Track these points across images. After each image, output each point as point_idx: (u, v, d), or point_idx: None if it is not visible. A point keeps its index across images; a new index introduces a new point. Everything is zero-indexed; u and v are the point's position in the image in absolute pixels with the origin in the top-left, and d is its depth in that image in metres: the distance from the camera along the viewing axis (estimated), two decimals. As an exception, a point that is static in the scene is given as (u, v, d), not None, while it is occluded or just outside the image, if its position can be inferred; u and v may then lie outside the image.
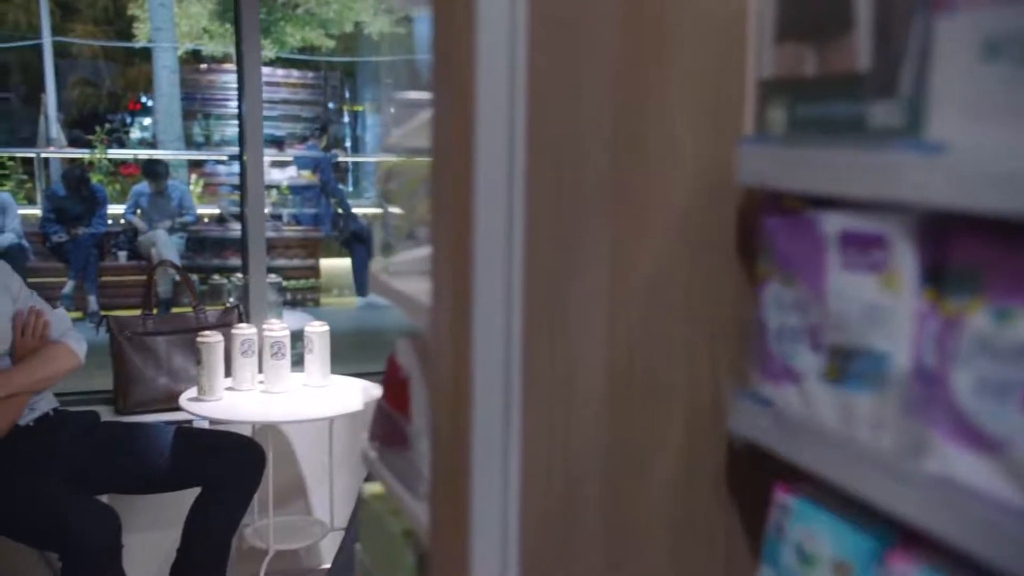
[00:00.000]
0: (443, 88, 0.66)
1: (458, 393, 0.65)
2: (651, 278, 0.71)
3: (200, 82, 10.43)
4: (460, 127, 0.63)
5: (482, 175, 0.63)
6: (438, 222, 0.68)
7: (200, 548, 2.54)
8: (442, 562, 0.71)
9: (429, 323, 0.70)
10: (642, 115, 0.69)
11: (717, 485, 0.74)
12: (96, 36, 12.76)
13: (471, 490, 0.65)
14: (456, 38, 0.63)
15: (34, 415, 2.44)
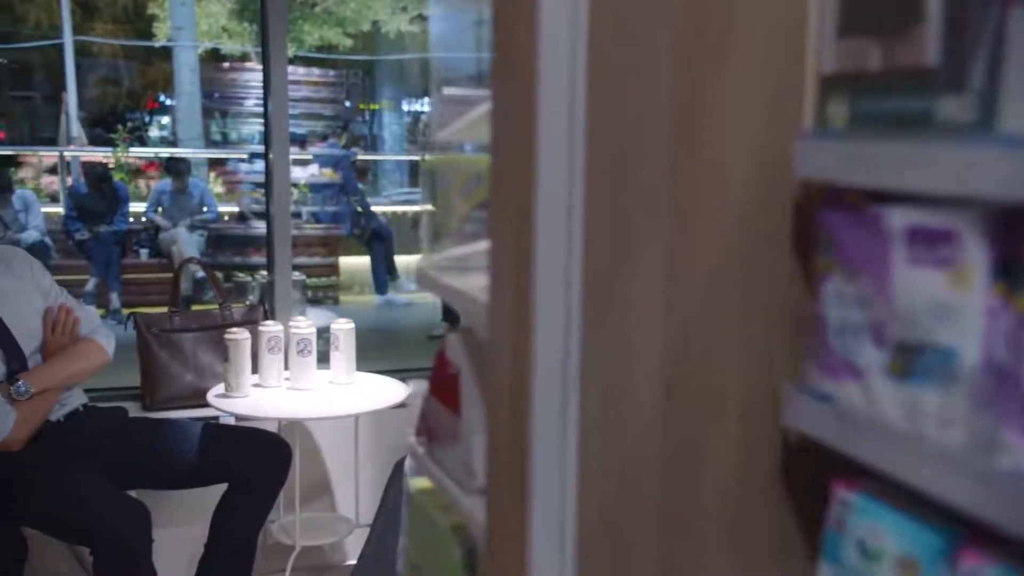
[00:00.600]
0: (504, 86, 0.66)
1: (518, 388, 0.66)
2: (707, 273, 0.71)
3: (217, 81, 10.50)
4: (521, 124, 0.63)
5: (543, 172, 0.63)
6: (497, 218, 0.68)
7: (227, 543, 2.56)
8: (499, 557, 0.71)
9: (487, 318, 0.70)
10: (699, 110, 0.68)
11: (771, 480, 0.74)
12: (116, 35, 12.85)
13: (531, 484, 0.65)
14: (518, 37, 0.63)
15: (64, 411, 2.46)
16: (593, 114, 0.65)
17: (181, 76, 9.79)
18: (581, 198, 0.65)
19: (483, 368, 0.83)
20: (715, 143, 0.70)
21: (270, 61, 2.95)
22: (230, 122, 10.89)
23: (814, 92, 0.67)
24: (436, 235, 0.89)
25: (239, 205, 6.92)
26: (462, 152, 0.88)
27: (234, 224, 7.12)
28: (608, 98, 0.66)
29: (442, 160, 0.88)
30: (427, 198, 0.92)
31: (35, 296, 2.46)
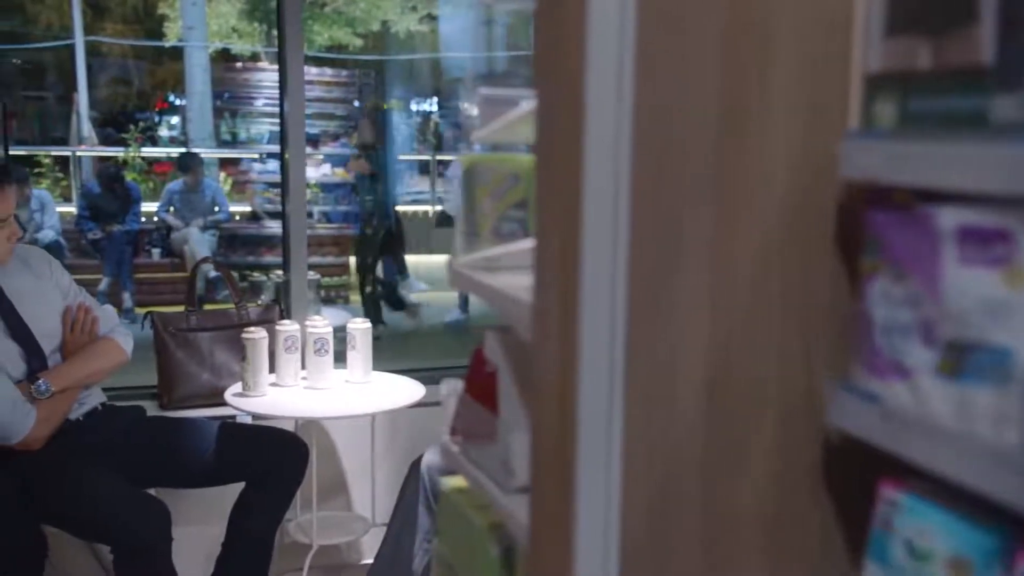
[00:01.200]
0: (550, 85, 0.66)
1: (563, 388, 0.66)
2: (750, 273, 0.71)
3: (227, 81, 10.51)
4: (569, 124, 0.63)
5: (590, 172, 0.63)
6: (543, 218, 0.68)
7: (244, 542, 2.57)
8: (543, 556, 0.71)
9: (531, 318, 0.70)
10: (744, 111, 0.68)
11: (812, 479, 0.74)
12: (126, 35, 12.90)
13: (576, 485, 0.65)
14: (565, 36, 0.63)
15: (83, 409, 2.47)
16: (639, 115, 0.65)
17: (192, 76, 9.82)
18: (627, 199, 0.65)
19: (522, 367, 0.83)
20: (759, 144, 0.70)
21: (286, 61, 2.96)
22: (239, 122, 10.91)
23: (860, 92, 0.67)
24: (470, 235, 0.89)
25: (251, 205, 6.95)
26: (499, 152, 0.89)
27: (246, 224, 7.13)
28: (654, 99, 0.66)
29: (478, 160, 0.89)
30: (461, 198, 0.92)
31: (55, 295, 2.47)
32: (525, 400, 0.83)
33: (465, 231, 0.89)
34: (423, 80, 12.11)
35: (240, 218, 7.27)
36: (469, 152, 0.88)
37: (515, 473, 0.81)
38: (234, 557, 2.57)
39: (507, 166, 0.88)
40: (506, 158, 0.88)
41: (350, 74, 7.53)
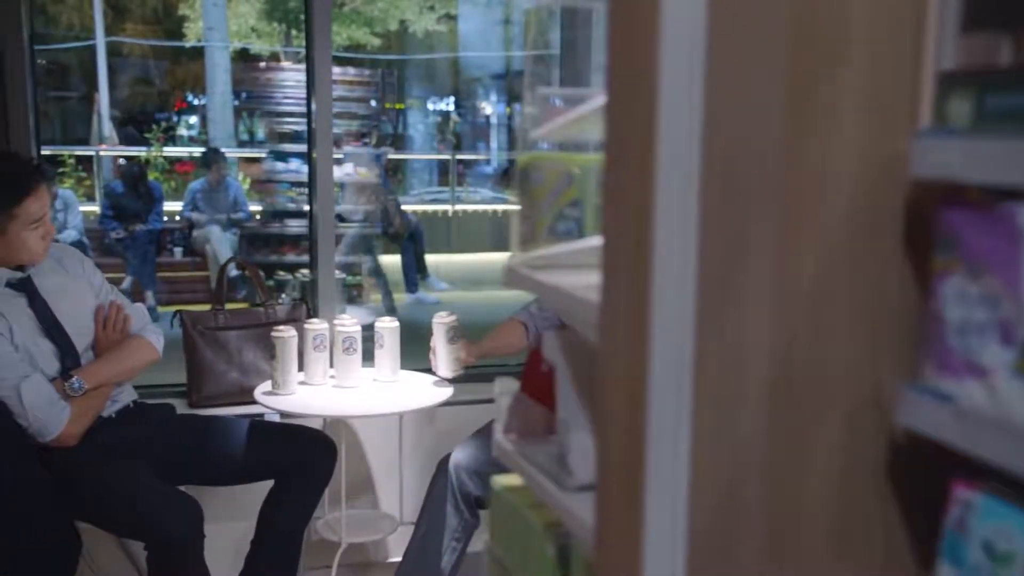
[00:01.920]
0: (622, 84, 0.66)
1: (634, 386, 0.66)
2: (816, 272, 0.70)
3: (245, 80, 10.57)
4: (641, 124, 0.63)
5: (662, 171, 0.63)
6: (613, 217, 0.68)
7: (273, 539, 2.58)
8: (609, 556, 0.71)
9: (599, 316, 0.70)
10: (812, 113, 0.68)
11: (877, 479, 0.74)
12: (146, 36, 13.00)
13: (646, 482, 0.65)
14: (639, 36, 0.63)
15: (116, 407, 2.49)
16: (709, 113, 0.65)
17: (213, 76, 9.89)
18: (696, 198, 0.65)
19: (581, 366, 0.83)
20: (827, 142, 0.70)
21: (314, 61, 2.97)
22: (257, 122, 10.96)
23: (932, 90, 0.67)
24: (526, 234, 0.89)
25: (273, 204, 6.98)
26: (555, 150, 0.89)
27: (266, 223, 7.16)
28: (724, 98, 0.66)
29: (534, 159, 0.89)
30: (516, 197, 0.93)
31: (87, 294, 2.49)
32: (584, 399, 0.83)
33: (521, 230, 0.89)
34: (441, 79, 12.14)
35: (260, 217, 7.31)
36: (525, 152, 0.88)
37: (574, 472, 0.81)
38: (263, 554, 2.58)
39: (562, 165, 0.88)
40: (561, 157, 0.88)
41: (372, 73, 7.56)
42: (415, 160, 10.94)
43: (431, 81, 12.23)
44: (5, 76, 2.66)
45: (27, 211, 2.26)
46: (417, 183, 10.71)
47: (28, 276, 2.35)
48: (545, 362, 0.86)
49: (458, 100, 11.73)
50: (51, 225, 2.36)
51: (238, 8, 11.50)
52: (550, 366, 0.86)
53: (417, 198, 9.71)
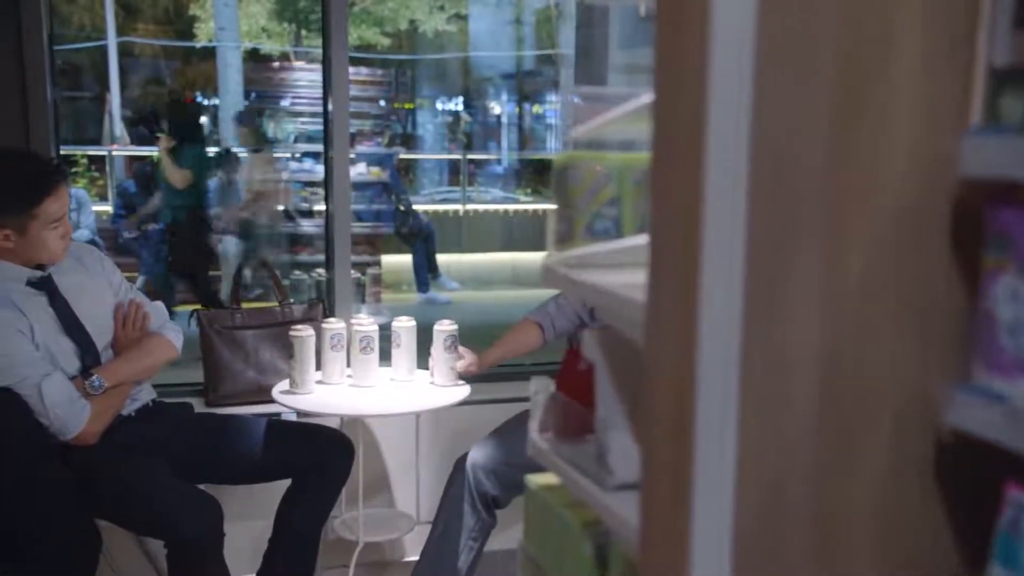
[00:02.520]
0: (670, 82, 0.66)
1: (681, 385, 0.65)
2: (863, 272, 0.70)
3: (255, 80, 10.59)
4: (690, 122, 0.63)
5: (712, 171, 0.63)
6: (661, 216, 0.68)
7: (291, 538, 2.59)
8: (654, 555, 0.71)
9: (645, 314, 0.70)
10: (861, 111, 0.68)
11: (923, 479, 0.73)
12: (156, 36, 13.04)
13: (694, 481, 0.65)
14: (688, 35, 0.63)
15: (135, 405, 2.50)
16: (757, 113, 0.65)
17: (225, 76, 9.92)
18: (744, 197, 0.65)
19: (621, 365, 0.83)
20: (874, 140, 0.69)
21: (331, 61, 2.97)
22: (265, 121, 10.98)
23: (984, 87, 0.66)
24: (563, 233, 0.89)
25: (285, 204, 7.01)
26: (594, 150, 0.88)
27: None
28: (772, 97, 0.65)
29: (571, 158, 0.89)
30: (553, 196, 0.93)
31: (107, 292, 2.50)
32: (623, 398, 0.83)
33: (558, 229, 0.89)
34: (451, 79, 12.15)
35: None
36: (562, 151, 0.88)
37: (614, 471, 0.80)
38: (281, 553, 2.59)
39: (600, 164, 0.88)
40: (599, 156, 0.88)
41: (384, 73, 7.58)
42: (425, 160, 10.96)
43: (441, 81, 12.24)
44: (25, 76, 2.67)
45: (47, 211, 2.27)
46: (428, 183, 10.73)
47: (48, 275, 2.36)
48: (583, 361, 0.86)
49: (468, 100, 11.74)
50: (70, 225, 2.37)
51: (249, 8, 11.54)
52: (588, 365, 0.85)
53: (427, 198, 9.73)
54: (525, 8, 11.65)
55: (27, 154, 2.41)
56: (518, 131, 11.56)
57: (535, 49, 11.73)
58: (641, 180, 0.89)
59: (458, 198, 9.32)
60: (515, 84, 11.72)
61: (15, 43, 2.66)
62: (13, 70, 2.67)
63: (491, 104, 11.52)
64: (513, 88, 11.71)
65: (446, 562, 2.64)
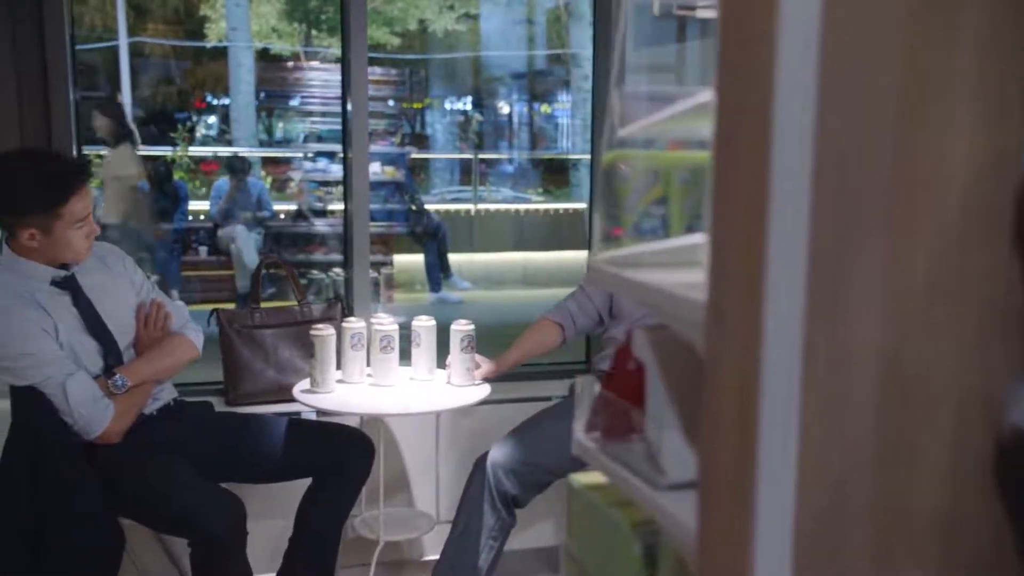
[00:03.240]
0: (735, 80, 0.66)
1: (745, 384, 0.65)
2: (927, 270, 0.70)
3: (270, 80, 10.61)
4: (755, 123, 0.63)
5: (778, 168, 0.63)
6: (724, 215, 0.68)
7: (311, 537, 2.59)
8: (714, 555, 0.71)
9: (705, 314, 0.69)
10: (925, 108, 0.67)
11: (986, 479, 0.73)
12: (166, 36, 13.07)
13: (757, 482, 0.65)
14: (754, 37, 0.62)
15: (157, 405, 2.51)
16: (822, 111, 0.65)
17: (237, 76, 9.95)
18: (808, 194, 0.65)
19: (673, 364, 0.83)
20: (938, 136, 0.69)
21: (350, 61, 2.98)
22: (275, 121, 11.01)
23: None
24: (609, 231, 0.89)
25: (299, 203, 7.04)
26: (641, 149, 0.88)
27: (291, 222, 7.21)
28: (837, 93, 0.65)
29: (618, 156, 0.88)
30: (598, 195, 0.93)
31: (129, 292, 2.51)
32: (676, 397, 0.82)
33: (605, 228, 0.89)
34: (462, 79, 12.15)
35: (284, 216, 7.35)
36: (609, 150, 0.88)
37: (666, 471, 0.80)
38: (301, 552, 2.60)
39: (647, 163, 0.88)
40: (646, 155, 0.88)
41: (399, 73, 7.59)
42: (436, 159, 10.97)
43: (451, 80, 12.26)
44: (48, 76, 2.68)
45: (72, 210, 2.28)
46: (439, 182, 10.74)
47: (72, 275, 2.37)
48: (633, 360, 0.86)
49: (479, 99, 11.74)
50: (95, 224, 2.38)
51: (259, 8, 11.56)
52: (638, 364, 0.85)
53: (438, 197, 9.74)
54: (536, 8, 11.65)
55: (52, 154, 2.42)
56: (529, 131, 11.57)
57: (545, 48, 11.73)
58: (689, 179, 0.89)
59: (469, 198, 9.32)
60: (526, 84, 11.72)
61: (38, 43, 2.67)
62: (36, 70, 2.68)
63: (502, 104, 11.53)
64: (524, 88, 11.72)
65: (466, 561, 2.64)
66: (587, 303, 2.86)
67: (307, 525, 2.60)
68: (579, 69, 10.42)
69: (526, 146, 11.17)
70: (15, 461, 2.24)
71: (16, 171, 2.26)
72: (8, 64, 2.66)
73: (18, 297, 2.27)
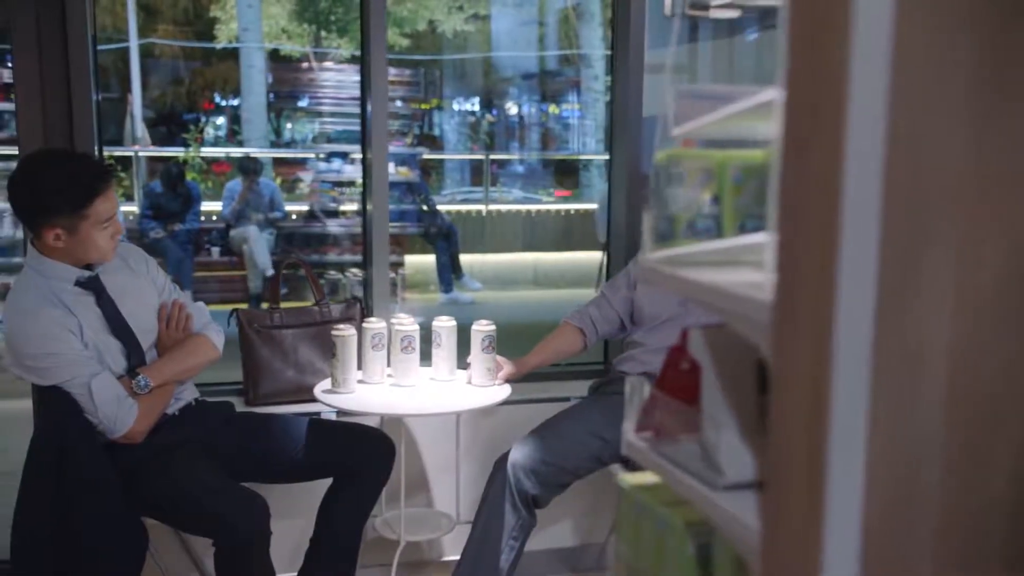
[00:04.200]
0: (805, 84, 0.66)
1: (817, 384, 0.65)
2: (998, 268, 0.69)
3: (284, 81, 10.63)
4: (828, 123, 0.63)
5: (851, 168, 0.62)
6: (792, 215, 0.68)
7: (332, 537, 2.59)
8: (780, 555, 0.70)
9: (773, 313, 0.69)
10: (997, 106, 0.67)
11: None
12: (176, 37, 13.11)
13: (827, 481, 0.65)
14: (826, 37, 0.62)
15: (179, 405, 2.52)
16: (894, 106, 0.64)
17: (248, 77, 9.97)
18: (880, 192, 0.65)
19: (730, 364, 0.83)
20: (1012, 133, 0.68)
21: (371, 61, 2.98)
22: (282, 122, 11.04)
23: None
24: (663, 231, 0.89)
25: (310, 203, 7.06)
26: (696, 148, 0.88)
27: (303, 223, 7.22)
28: (911, 89, 0.65)
29: (672, 155, 0.88)
30: (651, 194, 0.93)
31: (151, 292, 2.51)
32: (733, 397, 0.82)
33: (657, 228, 0.89)
34: (472, 79, 12.16)
35: (296, 217, 7.37)
36: (662, 148, 0.88)
37: (724, 470, 0.80)
38: (323, 552, 2.60)
39: (703, 162, 0.87)
40: (701, 154, 0.87)
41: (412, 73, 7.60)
42: (447, 160, 10.98)
43: (462, 81, 12.26)
44: (70, 77, 2.69)
45: (98, 211, 2.28)
46: (450, 183, 10.75)
47: (96, 275, 2.38)
48: (686, 360, 0.86)
49: (490, 100, 11.75)
50: (119, 224, 2.39)
51: (269, 9, 11.59)
52: (692, 363, 0.85)
53: (448, 198, 9.74)
54: (546, 8, 11.65)
55: (78, 154, 2.42)
56: (540, 131, 11.57)
57: (555, 49, 11.73)
58: (741, 178, 0.89)
59: (480, 198, 9.32)
60: (536, 84, 11.72)
61: (61, 44, 2.67)
62: (58, 71, 2.69)
63: (512, 104, 11.54)
64: (534, 88, 11.72)
65: (487, 562, 2.64)
66: (609, 309, 2.86)
67: (328, 525, 2.60)
68: (589, 70, 10.42)
69: (536, 146, 11.17)
70: (40, 460, 2.25)
71: (42, 171, 2.27)
72: (32, 65, 2.67)
73: (43, 297, 2.27)
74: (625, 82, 3.23)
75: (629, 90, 3.21)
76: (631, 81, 3.22)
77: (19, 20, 2.65)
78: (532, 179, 10.53)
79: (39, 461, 2.25)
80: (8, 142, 6.01)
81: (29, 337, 2.24)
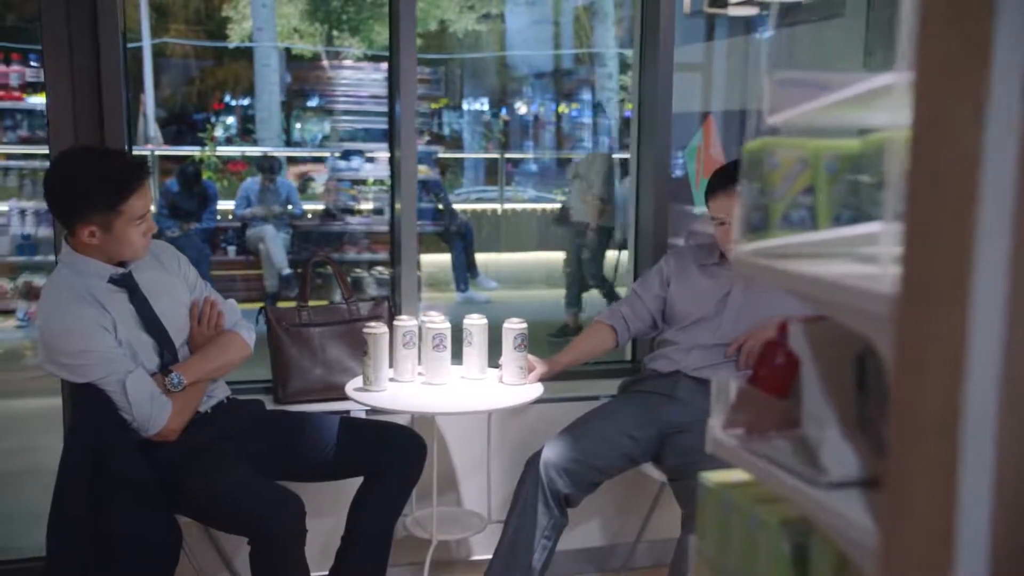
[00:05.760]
0: (939, 65, 0.64)
1: (949, 381, 0.63)
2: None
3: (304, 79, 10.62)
4: (968, 105, 0.60)
5: (990, 155, 0.60)
6: (924, 205, 0.65)
7: (364, 536, 2.58)
8: (905, 557, 0.68)
9: (897, 307, 0.67)
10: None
11: None
12: (188, 37, 13.13)
13: (959, 483, 0.63)
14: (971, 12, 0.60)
15: (211, 402, 2.50)
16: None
17: (263, 76, 9.97)
18: (1014, 182, 0.62)
19: (832, 359, 0.81)
20: None
21: (398, 61, 2.96)
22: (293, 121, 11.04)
23: None
24: (757, 222, 0.87)
25: (327, 202, 7.05)
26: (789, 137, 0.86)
27: (319, 221, 7.22)
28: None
29: (766, 145, 0.86)
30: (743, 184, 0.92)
31: (183, 290, 2.50)
32: (834, 394, 0.80)
33: (750, 219, 0.87)
34: (486, 79, 12.15)
35: (311, 216, 7.36)
36: (756, 137, 0.86)
37: (827, 469, 0.78)
38: (354, 551, 2.58)
39: (798, 151, 0.85)
40: (795, 143, 0.85)
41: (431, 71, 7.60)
42: (462, 158, 10.98)
43: (476, 80, 12.25)
44: (101, 75, 2.68)
45: (132, 208, 2.27)
46: (464, 181, 10.74)
47: (129, 272, 2.37)
48: (782, 355, 0.84)
49: (504, 99, 11.73)
50: (152, 222, 2.37)
51: (281, 9, 11.59)
52: (788, 358, 0.83)
53: (463, 197, 9.73)
54: (560, 7, 11.62)
55: (112, 152, 2.41)
56: (554, 130, 11.55)
57: (570, 48, 11.71)
58: (836, 168, 0.87)
59: (494, 197, 9.31)
60: (550, 83, 11.70)
61: (92, 43, 2.66)
62: (89, 70, 2.68)
63: (526, 103, 11.52)
64: (548, 87, 11.70)
65: (520, 561, 2.62)
66: (641, 308, 2.84)
67: (360, 524, 2.59)
68: (603, 68, 10.39)
69: (551, 145, 11.15)
70: (75, 458, 2.23)
71: (77, 169, 2.26)
72: (64, 64, 2.65)
73: (77, 294, 2.26)
74: (653, 80, 3.21)
75: (657, 88, 3.19)
76: (659, 79, 3.19)
77: (50, 19, 2.64)
78: (546, 178, 10.52)
79: (74, 459, 2.24)
80: (30, 141, 6.01)
81: (64, 334, 2.23)
